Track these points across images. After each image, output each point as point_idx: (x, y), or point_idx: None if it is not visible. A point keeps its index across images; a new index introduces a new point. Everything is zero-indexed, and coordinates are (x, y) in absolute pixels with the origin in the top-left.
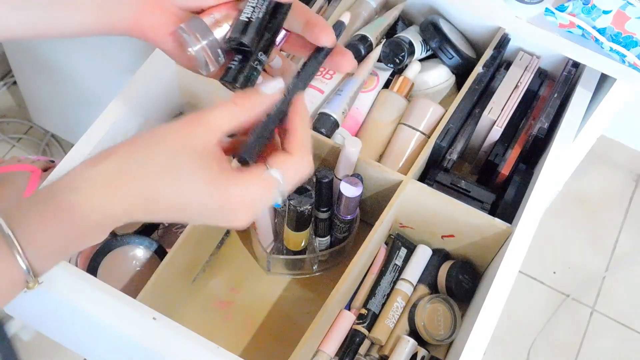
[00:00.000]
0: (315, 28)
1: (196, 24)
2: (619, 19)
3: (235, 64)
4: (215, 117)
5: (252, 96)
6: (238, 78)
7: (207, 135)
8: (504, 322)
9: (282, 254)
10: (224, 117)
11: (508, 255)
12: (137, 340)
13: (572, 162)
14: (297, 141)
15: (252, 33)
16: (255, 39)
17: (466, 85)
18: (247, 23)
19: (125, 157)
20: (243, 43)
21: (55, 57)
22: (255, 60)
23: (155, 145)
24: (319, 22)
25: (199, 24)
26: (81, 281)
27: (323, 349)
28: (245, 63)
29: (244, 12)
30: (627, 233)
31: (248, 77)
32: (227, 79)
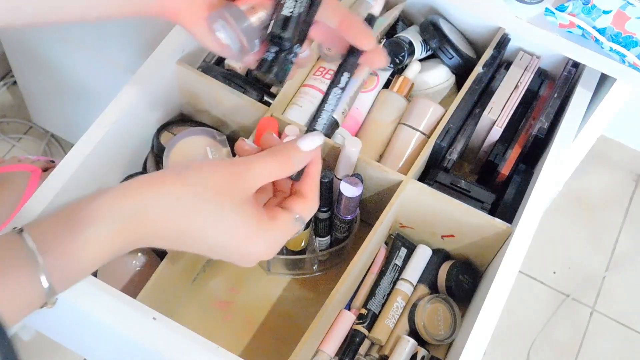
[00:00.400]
0: (354, 29)
1: (233, 10)
2: (619, 19)
3: (271, 55)
4: (260, 171)
5: (292, 154)
6: (273, 70)
7: (250, 186)
8: (504, 322)
9: (282, 254)
10: (266, 173)
11: (508, 255)
12: (137, 340)
13: (572, 162)
14: (313, 187)
15: (293, 29)
16: (295, 34)
17: (466, 85)
18: (289, 18)
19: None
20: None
21: (55, 57)
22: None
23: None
24: (356, 23)
25: (235, 10)
26: (81, 281)
27: (323, 349)
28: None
29: (286, 7)
30: (627, 233)
31: (284, 70)
32: (263, 71)
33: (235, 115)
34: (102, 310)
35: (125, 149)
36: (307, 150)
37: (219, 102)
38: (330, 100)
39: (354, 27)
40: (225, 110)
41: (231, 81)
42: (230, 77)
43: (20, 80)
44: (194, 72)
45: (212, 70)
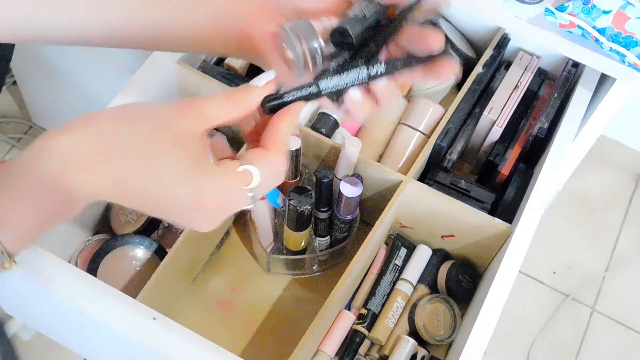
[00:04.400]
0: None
1: (304, 25)
2: (619, 19)
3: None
4: (209, 107)
5: (245, 91)
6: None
7: (197, 122)
8: (504, 322)
9: (282, 254)
10: (217, 109)
11: (508, 255)
12: (137, 340)
13: (572, 162)
14: (274, 137)
15: (359, 27)
16: (360, 35)
17: (466, 85)
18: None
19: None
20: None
21: (56, 57)
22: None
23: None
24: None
25: (307, 26)
26: (81, 281)
27: (323, 349)
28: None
29: (352, 11)
30: (627, 233)
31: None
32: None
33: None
34: (102, 310)
35: None
36: (260, 84)
37: None
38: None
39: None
40: None
41: (231, 81)
42: (230, 77)
43: (20, 81)
44: (194, 72)
45: (212, 70)
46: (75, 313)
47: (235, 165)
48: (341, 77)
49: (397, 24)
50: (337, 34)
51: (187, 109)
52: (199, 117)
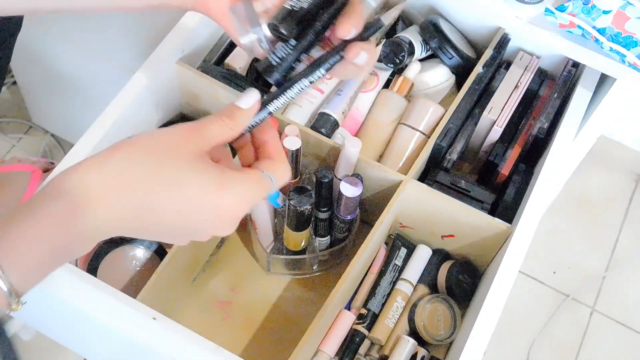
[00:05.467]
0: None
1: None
2: (619, 19)
3: (274, 57)
4: (208, 131)
5: (235, 114)
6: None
7: (202, 145)
8: (504, 322)
9: (282, 254)
10: (216, 132)
11: (508, 255)
12: (137, 340)
13: (572, 162)
14: (276, 149)
15: (292, 22)
16: (294, 28)
17: (466, 85)
18: (290, 11)
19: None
20: (280, 31)
21: (56, 57)
22: (295, 61)
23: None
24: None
25: (248, 9)
26: (81, 281)
27: (323, 349)
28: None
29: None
30: (627, 233)
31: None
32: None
33: None
34: (102, 310)
35: None
36: (245, 107)
37: (219, 102)
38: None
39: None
40: None
41: (231, 81)
42: (230, 77)
43: (20, 80)
44: (194, 72)
45: (212, 70)
46: (75, 313)
47: (257, 173)
48: (287, 95)
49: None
50: (273, 30)
51: (189, 134)
52: (201, 140)
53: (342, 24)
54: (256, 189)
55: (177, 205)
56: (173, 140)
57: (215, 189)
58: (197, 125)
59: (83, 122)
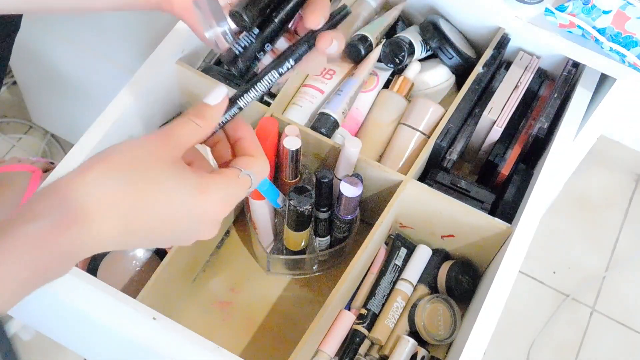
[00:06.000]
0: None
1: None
2: (619, 19)
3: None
4: (181, 133)
5: (205, 112)
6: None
7: (177, 149)
8: (504, 322)
9: (282, 254)
10: (188, 134)
11: (508, 255)
12: (137, 340)
13: (572, 162)
14: (253, 144)
15: (253, 9)
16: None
17: (466, 85)
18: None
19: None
20: (242, 18)
21: (55, 57)
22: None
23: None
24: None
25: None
26: (81, 281)
27: (323, 349)
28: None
29: None
30: (627, 233)
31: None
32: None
33: None
34: (102, 310)
35: None
36: (214, 103)
37: None
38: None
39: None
40: None
41: (231, 81)
42: (230, 77)
43: (20, 80)
44: (193, 72)
45: (212, 70)
46: (75, 313)
47: (235, 172)
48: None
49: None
50: (235, 17)
51: (159, 142)
52: (175, 144)
53: (311, 14)
54: (236, 189)
55: (159, 216)
56: (145, 152)
57: (195, 194)
58: (166, 132)
59: (83, 122)
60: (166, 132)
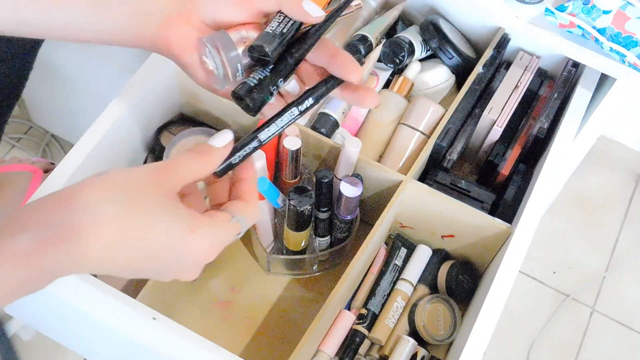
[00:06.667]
0: (345, 62)
1: (222, 37)
2: (619, 19)
3: (252, 80)
4: (180, 170)
5: (209, 153)
6: (253, 96)
7: (174, 184)
8: (504, 322)
9: (282, 254)
10: (187, 171)
11: (508, 255)
12: (137, 340)
13: (572, 162)
14: (251, 190)
15: (274, 44)
16: (276, 50)
17: (466, 85)
18: (271, 34)
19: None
20: (263, 51)
21: (55, 57)
22: (274, 85)
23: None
24: (348, 56)
25: (223, 36)
26: (81, 281)
27: (323, 349)
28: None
29: (270, 25)
30: (627, 233)
31: (262, 99)
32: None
33: (235, 115)
34: (102, 310)
35: (125, 149)
36: (219, 146)
37: (219, 102)
38: (284, 117)
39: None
40: (225, 110)
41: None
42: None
43: None
44: None
45: None
46: (75, 313)
47: (226, 217)
48: (277, 124)
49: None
50: (255, 51)
51: (164, 172)
52: (173, 180)
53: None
54: (224, 235)
55: (145, 248)
56: (143, 182)
57: (184, 233)
58: (167, 165)
59: (83, 122)
60: (168, 165)
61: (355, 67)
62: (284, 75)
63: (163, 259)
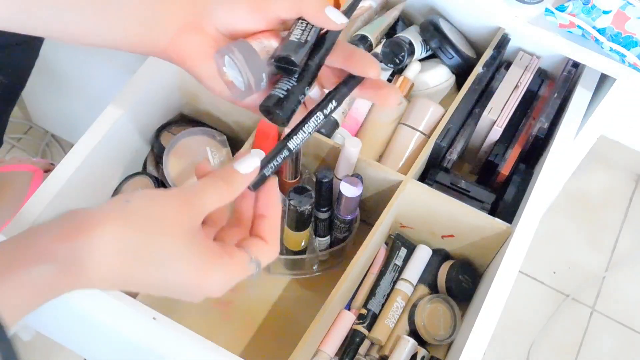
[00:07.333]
0: (363, 59)
1: (242, 45)
2: (618, 19)
3: (280, 91)
4: (205, 200)
5: (234, 180)
6: (283, 107)
7: (196, 216)
8: (504, 322)
9: (282, 254)
10: (212, 200)
11: (508, 255)
12: (137, 340)
13: (572, 162)
14: (274, 231)
15: (301, 53)
16: (303, 59)
17: (466, 85)
18: (297, 43)
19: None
20: (291, 61)
21: (56, 57)
22: (302, 94)
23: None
24: (365, 54)
25: (245, 45)
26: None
27: (323, 349)
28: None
29: (294, 34)
30: (627, 233)
31: (293, 110)
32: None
33: (235, 115)
34: (102, 310)
35: (125, 149)
36: (244, 172)
37: (219, 102)
38: (310, 122)
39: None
40: (225, 110)
41: None
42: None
43: None
44: None
45: None
46: (75, 313)
47: (245, 258)
48: (304, 130)
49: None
50: (283, 61)
51: (187, 205)
52: (197, 211)
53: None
54: (239, 275)
55: (158, 286)
56: (164, 215)
57: (198, 275)
58: (190, 196)
59: (83, 122)
60: (191, 196)
61: (372, 62)
62: (309, 82)
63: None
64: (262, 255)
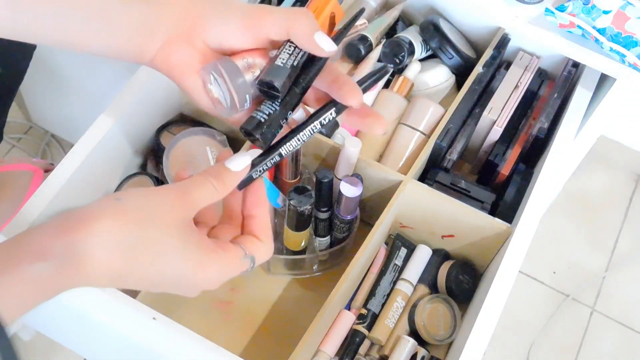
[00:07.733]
0: (344, 87)
1: (227, 64)
2: (619, 19)
3: (261, 115)
4: (197, 196)
5: (225, 177)
6: (262, 131)
7: (189, 211)
8: (504, 322)
9: (282, 254)
10: (204, 196)
11: (508, 255)
12: (137, 340)
13: (572, 162)
14: (265, 229)
15: (285, 79)
16: (287, 85)
17: (466, 85)
18: (282, 68)
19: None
20: (274, 87)
21: (56, 57)
22: (283, 119)
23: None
24: (348, 81)
25: (230, 65)
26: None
27: (323, 349)
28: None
29: (280, 58)
30: (627, 233)
31: (272, 133)
32: (250, 128)
33: None
34: (102, 310)
35: (125, 149)
36: (235, 170)
37: None
38: (306, 131)
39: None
40: None
41: None
42: None
43: None
44: None
45: None
46: (75, 313)
47: (239, 254)
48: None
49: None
50: (266, 86)
51: (180, 200)
52: (190, 206)
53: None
54: (232, 271)
55: (153, 280)
56: (158, 210)
57: (193, 270)
58: (183, 191)
59: (83, 122)
60: (183, 191)
61: (354, 90)
62: (293, 107)
63: (168, 287)
64: (257, 252)
